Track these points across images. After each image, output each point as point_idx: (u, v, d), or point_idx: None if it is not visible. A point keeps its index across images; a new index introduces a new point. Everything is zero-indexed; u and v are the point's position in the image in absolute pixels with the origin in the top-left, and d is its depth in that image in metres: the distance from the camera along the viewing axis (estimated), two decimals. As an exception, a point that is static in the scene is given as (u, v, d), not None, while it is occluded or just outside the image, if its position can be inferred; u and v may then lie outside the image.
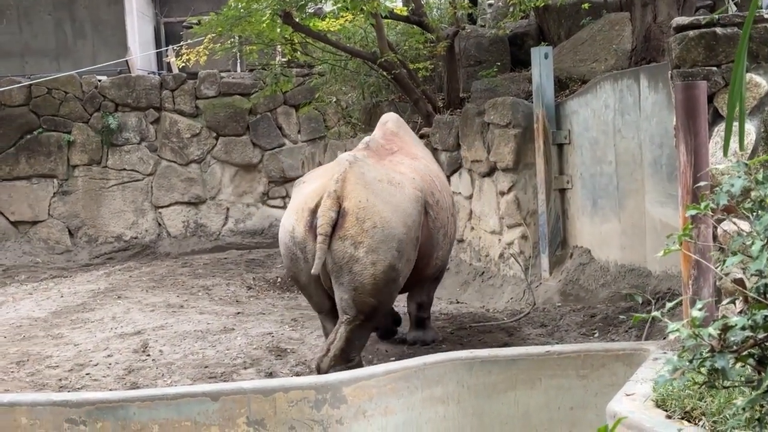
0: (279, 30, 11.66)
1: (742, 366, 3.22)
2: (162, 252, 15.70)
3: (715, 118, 5.50)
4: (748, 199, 3.53)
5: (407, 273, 6.78)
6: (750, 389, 3.26)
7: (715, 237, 4.95)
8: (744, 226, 3.63)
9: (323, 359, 6.47)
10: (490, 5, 13.67)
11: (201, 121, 16.06)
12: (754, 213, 3.47)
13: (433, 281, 7.87)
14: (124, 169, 15.95)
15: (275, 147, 16.23)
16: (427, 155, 8.15)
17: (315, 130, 16.21)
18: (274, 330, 8.54)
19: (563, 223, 9.23)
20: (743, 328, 3.14)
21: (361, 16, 11.12)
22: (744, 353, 3.17)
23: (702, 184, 4.55)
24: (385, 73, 11.58)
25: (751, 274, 3.35)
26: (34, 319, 9.73)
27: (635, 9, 9.26)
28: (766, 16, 5.57)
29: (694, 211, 3.55)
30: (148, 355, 7.78)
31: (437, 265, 7.57)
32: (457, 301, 10.00)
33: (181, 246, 15.87)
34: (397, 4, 13.36)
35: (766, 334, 3.15)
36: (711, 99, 5.44)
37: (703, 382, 3.31)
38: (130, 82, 15.93)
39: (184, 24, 16.87)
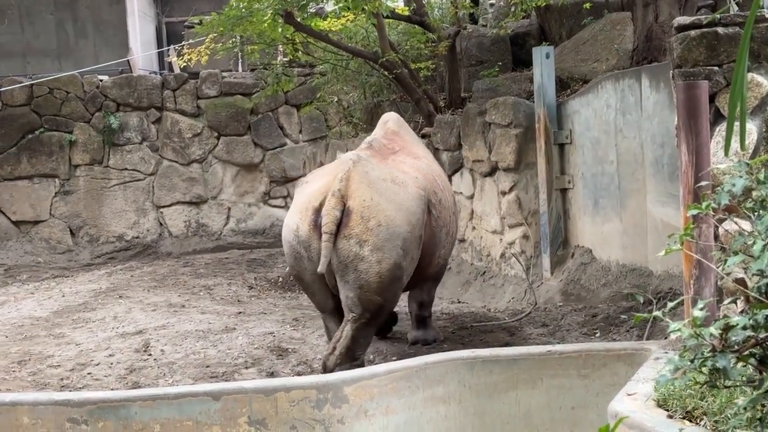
0: (280, 30, 11.66)
1: (743, 366, 3.22)
2: (163, 252, 15.70)
3: (717, 117, 5.50)
4: (750, 199, 3.53)
5: (411, 271, 6.80)
6: (751, 389, 3.26)
7: (716, 237, 4.95)
8: (745, 225, 3.63)
9: (329, 357, 6.48)
10: (492, 5, 13.67)
11: (202, 121, 16.06)
12: (756, 213, 3.47)
13: (434, 280, 7.88)
14: (126, 168, 15.96)
15: (277, 147, 16.23)
16: (428, 155, 8.17)
17: (316, 129, 16.21)
18: (276, 330, 8.55)
19: (564, 222, 9.22)
20: (744, 328, 3.14)
21: (363, 15, 11.12)
22: (745, 353, 3.17)
23: (703, 183, 4.55)
24: (386, 72, 11.58)
25: (753, 274, 3.35)
26: (36, 318, 9.74)
27: (637, 9, 9.26)
28: (768, 15, 5.57)
29: (695, 211, 3.55)
30: (150, 354, 7.79)
31: (439, 263, 7.60)
32: (458, 301, 10.00)
33: (183, 246, 15.88)
34: (398, 4, 13.35)
35: (767, 334, 3.15)
36: (712, 99, 5.44)
37: (704, 382, 3.31)
38: (132, 81, 15.94)
39: (186, 24, 16.89)
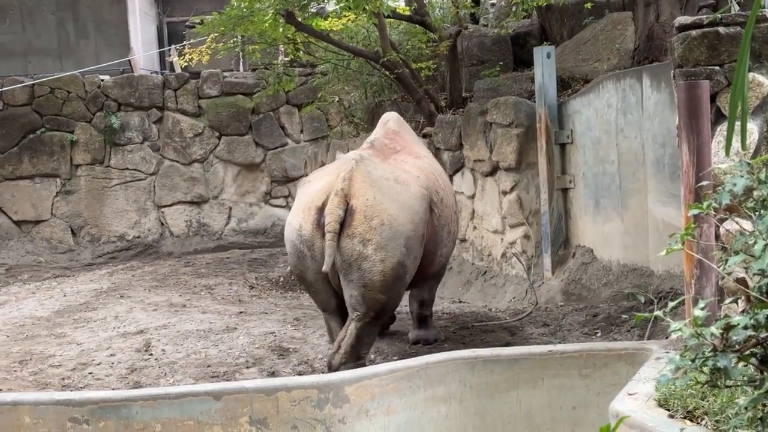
0: (281, 29, 11.66)
1: (744, 365, 3.22)
2: (164, 251, 15.71)
3: (718, 117, 5.50)
4: (751, 199, 3.53)
5: (414, 270, 6.81)
6: (752, 388, 3.26)
7: (717, 236, 4.95)
8: (746, 225, 3.63)
9: (334, 356, 6.50)
10: (493, 5, 13.67)
11: (204, 121, 16.07)
12: (757, 212, 3.47)
13: (435, 279, 7.89)
14: (127, 168, 15.96)
15: (278, 146, 16.23)
16: (428, 154, 8.18)
17: (317, 129, 16.21)
18: (277, 329, 8.55)
19: (566, 222, 9.23)
20: (745, 328, 3.14)
21: (364, 15, 11.12)
22: (746, 352, 3.17)
23: (704, 183, 4.55)
24: (387, 72, 11.59)
25: (754, 274, 3.35)
26: (37, 318, 9.75)
27: (638, 8, 9.26)
28: (769, 15, 5.56)
29: (696, 211, 3.55)
30: (151, 354, 7.79)
31: (441, 262, 7.62)
32: (459, 301, 10.00)
33: (184, 245, 15.88)
34: (399, 4, 13.35)
35: (768, 334, 3.15)
36: (714, 98, 5.44)
37: (705, 382, 3.31)
38: (133, 81, 15.94)
39: (187, 23, 16.90)
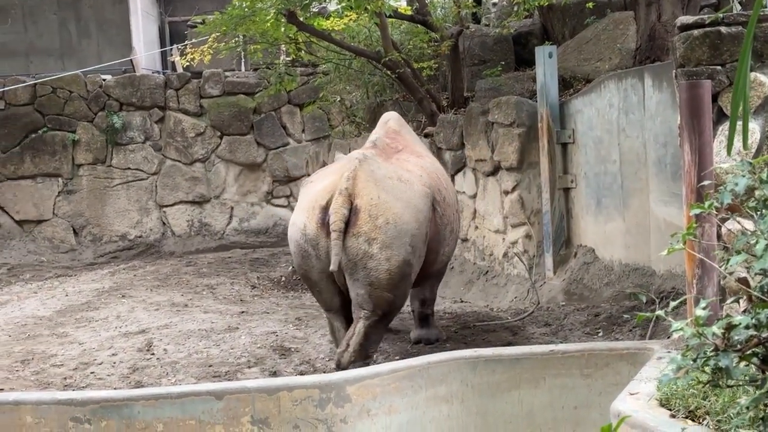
0: (283, 29, 11.66)
1: (746, 365, 3.22)
2: (166, 251, 15.71)
3: (720, 117, 5.50)
4: (752, 198, 3.53)
5: (418, 268, 6.83)
6: (754, 388, 3.26)
7: (719, 236, 4.95)
8: (748, 225, 3.63)
9: (343, 355, 6.51)
10: (495, 4, 13.66)
11: (205, 121, 16.07)
12: (758, 212, 3.47)
13: (436, 278, 7.90)
14: (129, 168, 15.97)
15: (279, 146, 16.23)
16: (429, 154, 8.20)
17: (319, 129, 16.21)
18: (279, 329, 8.55)
19: (567, 222, 9.22)
20: (747, 327, 3.14)
21: (366, 15, 11.12)
22: (748, 352, 3.17)
23: (706, 183, 4.55)
24: (389, 72, 11.58)
25: (755, 273, 3.35)
26: (39, 317, 9.75)
27: (639, 8, 9.25)
28: (771, 15, 5.56)
29: (698, 210, 3.55)
30: (153, 354, 7.79)
31: (443, 261, 7.64)
32: (461, 300, 10.00)
33: (186, 245, 15.89)
34: (401, 4, 13.36)
35: (770, 333, 3.15)
36: (715, 98, 5.44)
37: (707, 381, 3.31)
38: (135, 81, 15.95)
39: (189, 23, 16.90)
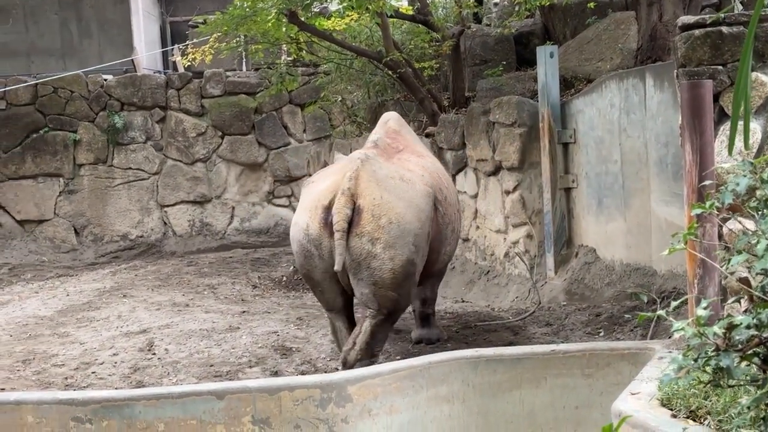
0: (284, 29, 11.66)
1: (747, 365, 3.22)
2: (167, 251, 15.71)
3: (721, 117, 5.50)
4: (754, 198, 3.53)
5: (421, 267, 6.84)
6: (755, 388, 3.26)
7: (720, 236, 4.95)
8: (749, 224, 3.63)
9: (350, 353, 6.53)
10: (496, 4, 13.66)
11: (206, 120, 16.07)
12: (760, 212, 3.47)
13: (437, 277, 7.91)
14: (130, 168, 15.97)
15: (281, 146, 16.23)
16: (429, 153, 8.21)
17: (320, 129, 16.21)
18: (280, 329, 8.55)
19: (568, 222, 9.22)
20: (748, 327, 3.14)
21: (367, 15, 11.12)
22: (749, 352, 3.17)
23: (707, 183, 4.55)
24: (390, 72, 11.58)
25: (757, 273, 3.35)
26: (40, 317, 9.76)
27: (641, 8, 9.25)
28: (772, 14, 5.56)
29: (699, 210, 3.55)
30: (154, 353, 7.80)
31: (444, 260, 7.65)
32: (462, 300, 10.00)
33: (187, 245, 15.89)
34: (402, 4, 13.36)
35: (771, 333, 3.15)
36: (717, 98, 5.44)
37: (708, 381, 3.31)
38: (136, 81, 15.95)
39: (190, 23, 16.90)
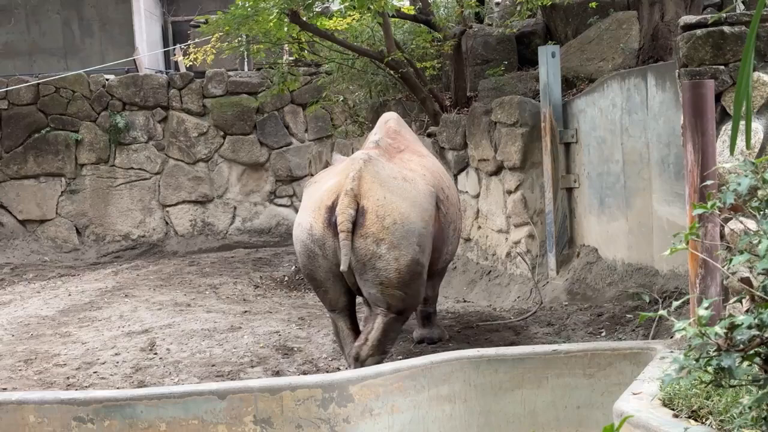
0: (286, 29, 11.65)
1: (748, 365, 3.22)
2: (169, 251, 15.72)
3: (723, 116, 5.50)
4: (755, 198, 3.53)
5: (428, 266, 6.85)
6: (757, 388, 3.25)
7: (722, 236, 4.95)
8: (751, 224, 3.62)
9: (362, 348, 6.54)
10: (497, 4, 13.65)
11: (208, 120, 16.08)
12: (761, 212, 3.47)
13: (438, 276, 7.92)
14: (132, 167, 15.97)
15: (282, 146, 16.24)
16: (429, 153, 8.21)
17: (322, 128, 16.22)
18: (281, 329, 8.56)
19: (570, 221, 9.22)
20: (750, 327, 3.14)
21: (368, 14, 11.10)
22: (751, 352, 3.17)
23: (709, 182, 4.55)
24: (392, 71, 11.58)
25: (758, 273, 3.34)
26: (42, 317, 9.76)
27: (643, 8, 9.25)
28: (774, 14, 5.55)
29: (701, 210, 3.54)
30: (156, 353, 7.80)
31: (446, 260, 7.66)
32: (464, 300, 10.00)
33: (189, 245, 15.89)
34: (404, 3, 13.35)
35: (772, 333, 3.15)
36: (718, 98, 5.44)
37: (709, 381, 3.31)
38: (138, 81, 15.95)
39: (192, 23, 16.91)
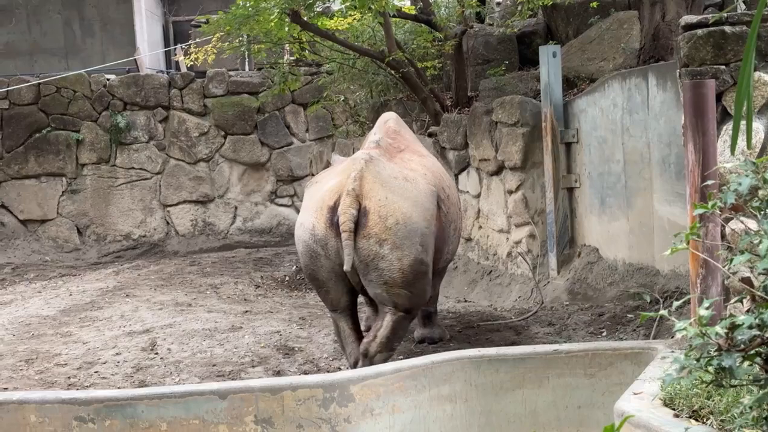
0: (287, 29, 11.65)
1: (749, 365, 3.22)
2: (170, 250, 15.72)
3: (724, 116, 5.50)
4: (756, 198, 3.53)
5: (432, 265, 6.86)
6: (757, 388, 3.26)
7: (723, 236, 4.95)
8: (752, 224, 3.62)
9: (371, 344, 6.57)
10: (498, 4, 13.65)
11: (209, 120, 16.08)
12: (762, 212, 3.47)
13: (439, 275, 7.92)
14: (133, 167, 15.98)
15: (283, 146, 16.24)
16: (429, 153, 8.22)
17: (323, 128, 16.22)
18: (282, 328, 8.56)
19: (571, 221, 9.22)
20: (750, 327, 3.14)
21: (369, 14, 11.11)
22: (751, 352, 3.17)
23: (710, 182, 4.55)
24: (393, 71, 11.58)
25: (759, 273, 3.35)
26: (43, 317, 9.77)
27: (644, 7, 9.25)
28: (775, 14, 5.55)
29: (701, 210, 3.54)
30: (156, 353, 7.81)
31: (447, 259, 7.67)
32: (464, 300, 10.00)
33: (190, 244, 15.90)
34: (405, 3, 13.35)
35: (773, 333, 3.15)
36: (719, 97, 5.43)
37: (710, 381, 3.31)
38: (139, 80, 15.96)
39: (193, 23, 16.92)
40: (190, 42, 16.05)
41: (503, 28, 11.88)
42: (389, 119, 8.10)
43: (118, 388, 6.68)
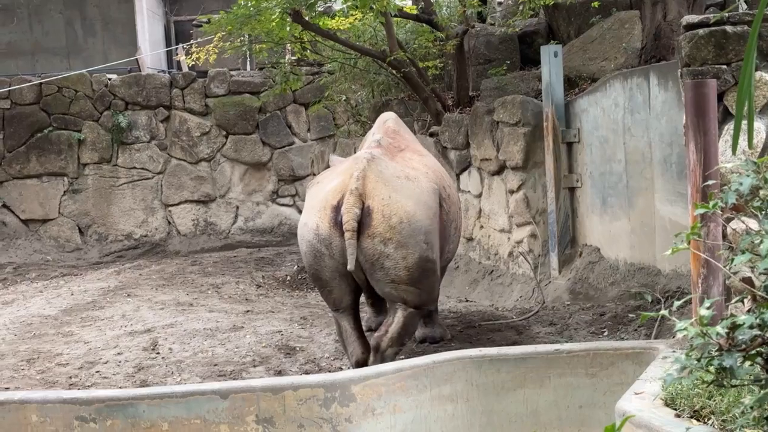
0: (288, 28, 11.66)
1: (750, 365, 3.22)
2: (172, 250, 15.73)
3: (725, 116, 5.49)
4: (757, 198, 3.53)
5: (439, 261, 6.87)
6: (758, 388, 3.26)
7: (724, 235, 4.95)
8: (753, 224, 3.62)
9: (383, 338, 6.59)
10: (500, 3, 13.65)
11: (211, 120, 16.08)
12: (763, 211, 3.47)
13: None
14: (134, 167, 15.99)
15: (285, 145, 16.25)
16: (428, 153, 8.23)
17: (324, 128, 16.23)
18: (284, 328, 8.56)
19: (572, 221, 9.22)
20: (751, 327, 3.14)
21: (371, 14, 11.11)
22: (752, 352, 3.17)
23: (711, 182, 4.54)
24: (394, 71, 11.58)
25: (760, 273, 3.35)
26: (45, 317, 9.77)
27: (645, 7, 9.24)
28: (776, 14, 5.54)
29: (703, 210, 3.54)
30: (158, 353, 7.81)
31: (448, 258, 7.68)
32: (466, 300, 10.00)
33: (191, 244, 15.90)
34: (406, 3, 13.35)
35: (774, 333, 3.15)
36: (721, 97, 5.43)
37: (711, 381, 3.31)
38: (140, 80, 15.96)
39: (194, 22, 16.93)
40: (191, 42, 16.06)
41: (505, 28, 11.88)
42: (388, 119, 8.11)
43: (120, 387, 6.69)
